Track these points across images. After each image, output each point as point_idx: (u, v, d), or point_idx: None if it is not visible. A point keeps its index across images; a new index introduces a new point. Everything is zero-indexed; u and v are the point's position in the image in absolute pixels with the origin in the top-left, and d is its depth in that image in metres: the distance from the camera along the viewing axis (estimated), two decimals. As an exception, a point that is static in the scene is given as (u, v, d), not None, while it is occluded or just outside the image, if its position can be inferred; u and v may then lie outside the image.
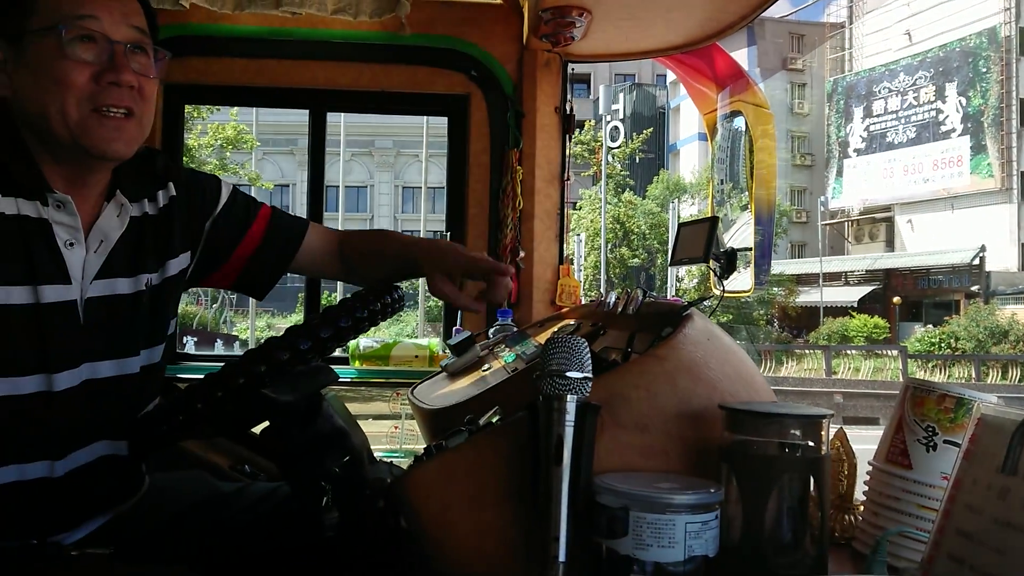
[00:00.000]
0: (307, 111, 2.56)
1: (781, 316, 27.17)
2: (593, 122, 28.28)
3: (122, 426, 1.28)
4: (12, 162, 1.15)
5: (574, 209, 24.15)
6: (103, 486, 1.28)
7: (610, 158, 25.89)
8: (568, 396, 0.89)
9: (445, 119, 2.68)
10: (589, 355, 0.92)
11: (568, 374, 0.89)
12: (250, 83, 2.48)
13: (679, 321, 1.12)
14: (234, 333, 21.01)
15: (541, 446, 0.90)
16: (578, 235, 22.19)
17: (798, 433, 0.92)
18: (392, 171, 32.53)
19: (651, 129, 29.57)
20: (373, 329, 1.26)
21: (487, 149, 2.51)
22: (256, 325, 21.61)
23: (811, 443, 0.92)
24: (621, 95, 32.77)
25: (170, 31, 2.40)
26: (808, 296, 27.89)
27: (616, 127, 29.45)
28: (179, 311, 1.51)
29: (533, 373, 0.95)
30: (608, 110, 31.21)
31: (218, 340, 18.06)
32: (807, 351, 21.54)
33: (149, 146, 1.35)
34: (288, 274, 1.54)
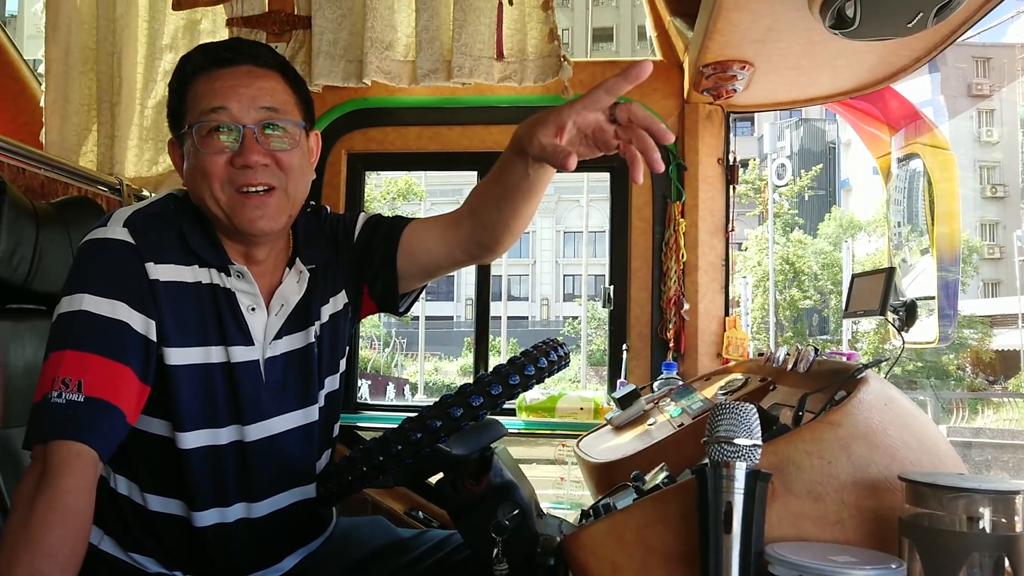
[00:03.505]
0: (475, 172, 2.68)
1: (974, 361, 24.86)
2: (758, 160, 27.46)
3: (310, 470, 1.38)
4: (198, 239, 1.29)
5: (740, 250, 23.45)
6: (295, 527, 1.39)
7: (777, 196, 24.97)
8: (737, 463, 0.89)
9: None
10: (758, 422, 0.91)
11: (736, 441, 0.89)
12: (423, 149, 2.64)
13: (853, 384, 1.09)
14: (404, 376, 21.86)
15: (710, 512, 0.90)
16: (744, 277, 21.47)
17: (989, 509, 0.86)
18: (553, 216, 33.00)
19: (820, 165, 28.33)
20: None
21: (649, 202, 2.53)
22: (424, 368, 22.42)
23: (1004, 519, 0.86)
24: (787, 131, 31.70)
25: (354, 104, 2.62)
26: (1005, 339, 25.38)
27: (782, 164, 28.41)
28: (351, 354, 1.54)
29: (701, 438, 0.95)
30: (773, 148, 30.27)
31: (389, 384, 18.87)
32: (1006, 400, 19.55)
33: (314, 203, 1.46)
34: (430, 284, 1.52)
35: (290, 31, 2.52)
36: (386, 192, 20.55)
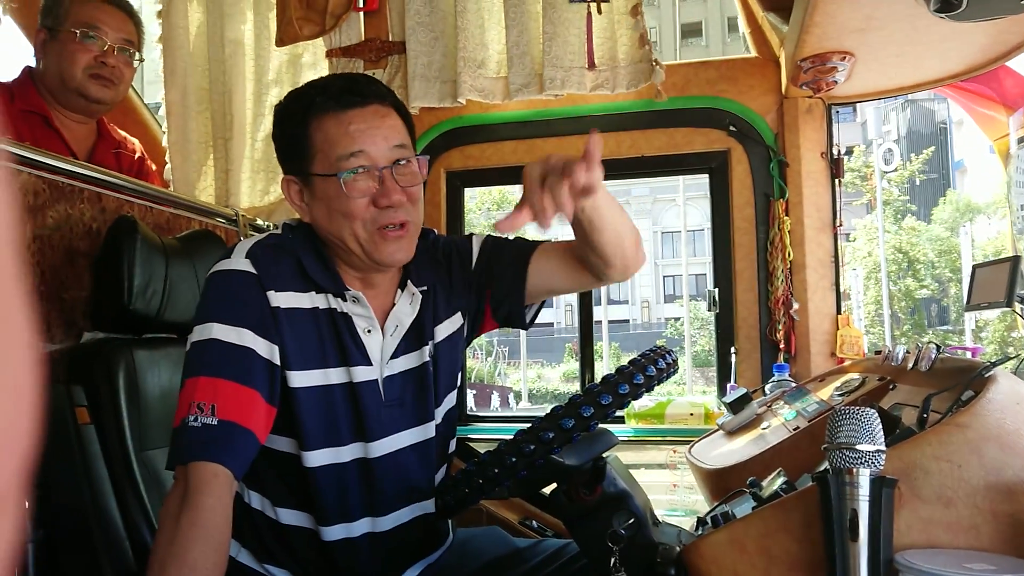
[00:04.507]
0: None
1: (1118, 347, 23.00)
2: (862, 147, 26.31)
3: (430, 485, 1.43)
4: (316, 268, 1.34)
5: (847, 241, 22.50)
6: (417, 540, 1.43)
7: (885, 183, 23.85)
8: (860, 469, 0.87)
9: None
10: (880, 426, 0.89)
11: (858, 447, 0.87)
12: (520, 162, 2.66)
13: (981, 383, 1.05)
14: (507, 385, 22.00)
15: (834, 521, 0.88)
16: (854, 269, 20.62)
17: None
18: (650, 217, 32.61)
19: (932, 148, 26.89)
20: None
21: (751, 202, 2.48)
22: (527, 376, 22.53)
23: None
24: (892, 114, 30.22)
25: (450, 124, 2.68)
26: None
27: (889, 149, 27.07)
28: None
29: (817, 440, 0.94)
30: (879, 132, 28.90)
31: (493, 393, 19.03)
32: None
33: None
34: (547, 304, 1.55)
35: (386, 57, 2.60)
36: (481, 203, 20.84)
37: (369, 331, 1.36)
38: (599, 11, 2.41)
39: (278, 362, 1.28)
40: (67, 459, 1.52)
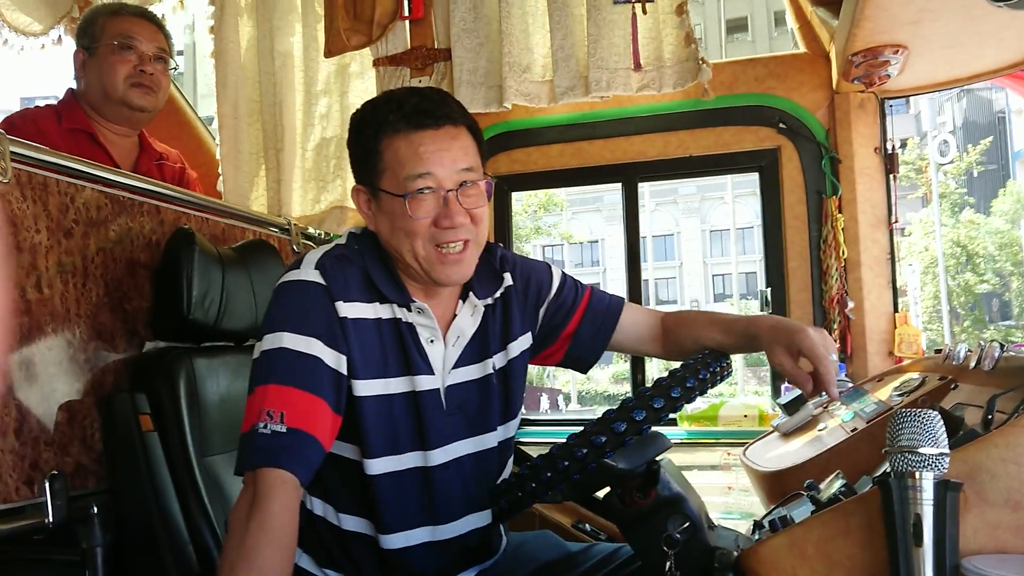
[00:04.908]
0: (619, 184, 2.69)
1: None
2: (917, 139, 25.62)
3: (486, 494, 1.44)
4: (383, 280, 1.36)
5: (903, 236, 21.93)
6: (472, 546, 1.44)
7: (942, 176, 23.19)
8: (923, 473, 0.85)
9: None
10: (944, 429, 0.87)
11: (920, 450, 0.86)
12: (566, 165, 2.67)
13: (1049, 383, 1.02)
14: (557, 387, 21.93)
15: (897, 525, 0.86)
16: (910, 264, 20.10)
17: None
18: (698, 216, 32.25)
19: (990, 138, 26.06)
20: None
21: (802, 200, 2.44)
22: (576, 378, 22.42)
23: None
24: (947, 105, 29.38)
25: (497, 129, 2.70)
26: None
27: (945, 141, 26.31)
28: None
29: (876, 442, 0.92)
30: (933, 124, 28.11)
31: (543, 395, 19.00)
32: None
33: (487, 241, 1.53)
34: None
35: (432, 64, 2.62)
36: (527, 206, 20.83)
37: (432, 341, 1.38)
38: (644, 11, 2.40)
39: (345, 372, 1.30)
40: (132, 466, 1.56)
